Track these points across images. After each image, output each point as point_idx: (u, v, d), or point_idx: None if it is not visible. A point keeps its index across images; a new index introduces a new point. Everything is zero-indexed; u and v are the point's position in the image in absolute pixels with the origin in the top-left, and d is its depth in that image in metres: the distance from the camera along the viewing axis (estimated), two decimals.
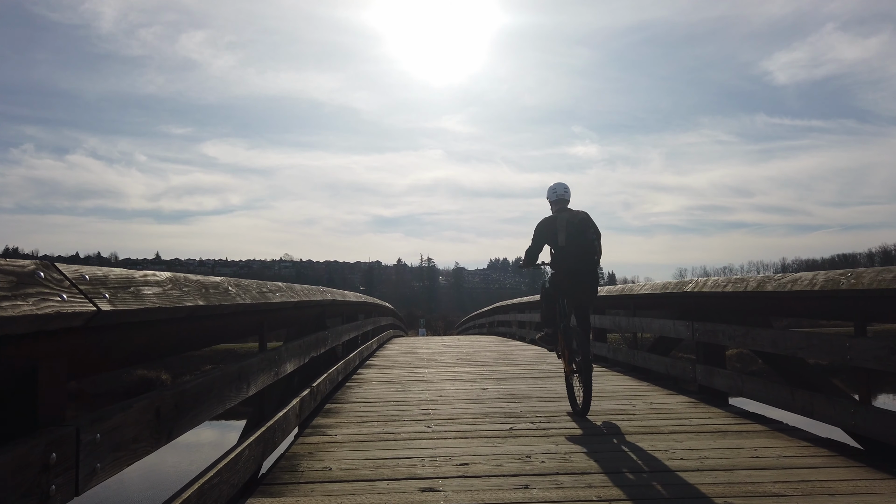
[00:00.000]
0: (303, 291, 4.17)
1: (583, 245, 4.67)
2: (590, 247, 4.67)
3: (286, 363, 3.66)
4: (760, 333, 4.26)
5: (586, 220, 4.76)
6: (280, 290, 3.56)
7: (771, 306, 4.49)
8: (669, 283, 5.82)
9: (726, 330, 4.73)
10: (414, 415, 4.69)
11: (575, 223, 4.71)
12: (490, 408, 4.93)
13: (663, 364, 6.09)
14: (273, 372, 3.32)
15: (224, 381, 2.48)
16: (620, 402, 5.08)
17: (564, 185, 4.97)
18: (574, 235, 4.68)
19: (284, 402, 3.96)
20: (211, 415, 2.34)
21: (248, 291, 2.84)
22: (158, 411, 1.85)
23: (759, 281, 4.16)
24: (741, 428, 3.99)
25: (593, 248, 4.69)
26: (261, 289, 3.12)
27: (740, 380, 4.62)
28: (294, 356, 3.93)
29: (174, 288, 1.99)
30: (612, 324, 7.83)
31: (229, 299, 2.47)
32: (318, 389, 4.79)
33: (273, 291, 3.34)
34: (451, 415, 4.65)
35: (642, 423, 4.24)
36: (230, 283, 2.64)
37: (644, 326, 6.54)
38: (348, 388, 6.20)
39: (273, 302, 3.26)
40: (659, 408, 4.77)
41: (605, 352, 8.07)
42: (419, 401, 5.35)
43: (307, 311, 4.75)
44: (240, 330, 3.13)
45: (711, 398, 5.10)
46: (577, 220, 4.72)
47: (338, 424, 4.37)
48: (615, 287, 7.52)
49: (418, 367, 8.39)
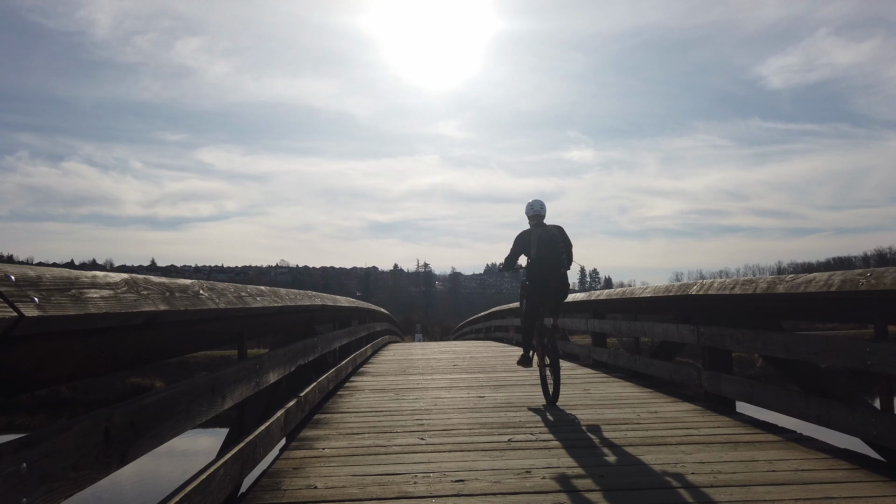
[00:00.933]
0: (288, 296, 3.94)
1: (551, 258, 5.37)
2: (557, 260, 5.37)
3: (269, 373, 3.43)
4: (772, 337, 4.04)
5: (556, 235, 5.44)
6: (262, 294, 3.33)
7: (782, 309, 4.28)
8: (672, 285, 5.60)
9: (734, 334, 4.52)
10: (407, 425, 4.46)
11: (546, 238, 5.39)
12: (487, 417, 4.70)
13: (667, 370, 5.87)
14: (253, 382, 3.09)
15: (193, 395, 2.25)
16: (624, 410, 4.86)
17: (541, 202, 5.61)
18: (544, 249, 5.37)
19: (268, 414, 3.73)
20: (177, 433, 2.11)
21: (223, 296, 2.61)
22: (107, 433, 1.62)
23: (769, 282, 3.95)
24: (753, 438, 3.77)
25: (560, 262, 5.39)
26: (239, 293, 2.90)
27: (750, 386, 4.40)
28: (278, 365, 3.70)
29: (130, 291, 1.76)
30: (612, 328, 7.62)
31: (199, 304, 2.24)
32: (307, 399, 4.56)
33: (253, 296, 3.11)
34: (447, 425, 4.42)
35: (648, 433, 4.01)
36: (202, 287, 2.41)
37: (646, 331, 6.32)
38: (339, 397, 5.96)
39: (253, 307, 3.03)
40: (664, 416, 4.55)
41: (605, 357, 7.85)
42: (413, 410, 5.12)
43: (294, 317, 4.52)
44: (215, 338, 2.90)
45: (718, 405, 4.88)
46: (547, 235, 5.41)
47: (326, 437, 4.13)
48: (615, 290, 7.30)
49: (413, 373, 8.15)
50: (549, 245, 5.37)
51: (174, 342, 2.34)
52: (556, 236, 5.42)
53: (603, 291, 7.94)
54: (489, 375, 7.62)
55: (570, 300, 9.52)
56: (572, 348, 9.90)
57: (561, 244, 5.43)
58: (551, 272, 5.39)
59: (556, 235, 5.43)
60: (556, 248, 5.37)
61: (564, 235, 5.54)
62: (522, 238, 5.58)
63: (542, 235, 5.41)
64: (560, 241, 5.43)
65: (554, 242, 5.38)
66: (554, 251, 5.36)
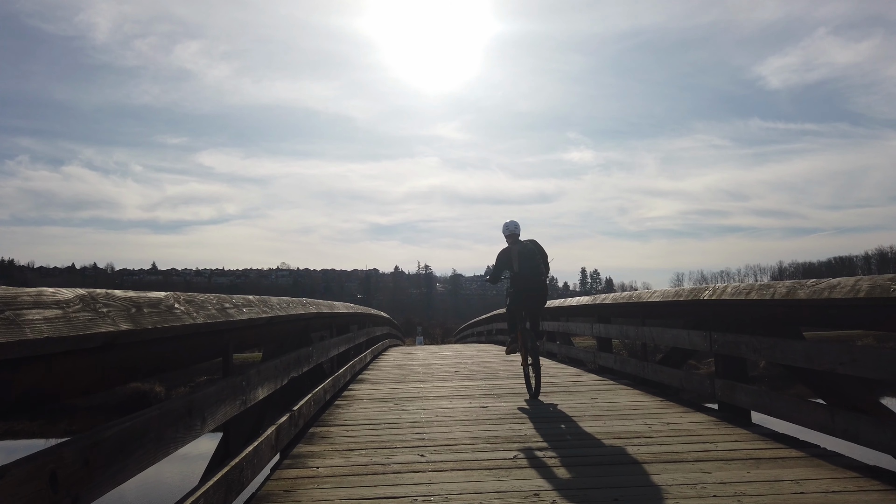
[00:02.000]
0: (279, 305, 3.72)
1: (531, 270, 6.09)
2: (536, 270, 6.10)
3: (258, 388, 3.20)
4: (791, 346, 3.81)
5: (533, 249, 6.17)
6: (249, 304, 3.10)
7: (802, 315, 4.04)
8: (682, 289, 5.37)
9: (750, 341, 4.29)
10: (407, 440, 4.23)
11: (525, 253, 6.10)
12: (491, 430, 4.47)
13: (677, 377, 5.64)
14: (239, 401, 2.86)
15: (166, 421, 2.02)
16: (634, 421, 4.62)
17: (515, 222, 6.36)
18: (524, 263, 6.08)
19: (257, 431, 3.50)
20: (146, 465, 1.88)
21: (202, 309, 2.39)
22: (54, 476, 1.39)
23: (788, 287, 3.72)
24: (775, 454, 3.54)
25: (539, 272, 6.12)
26: (222, 304, 2.67)
27: (768, 397, 4.17)
28: (269, 379, 3.47)
29: (85, 309, 1.54)
30: (618, 333, 7.39)
31: (173, 320, 2.02)
32: (301, 413, 4.33)
33: (238, 307, 2.89)
34: (448, 440, 4.19)
35: (662, 447, 3.78)
36: (178, 300, 2.19)
37: (655, 337, 6.08)
38: (337, 408, 5.73)
39: (238, 320, 2.80)
40: (677, 428, 4.32)
41: (610, 363, 7.61)
42: (413, 422, 4.89)
43: (287, 327, 4.30)
44: (196, 353, 2.67)
45: (733, 416, 4.65)
46: (526, 250, 6.13)
47: (321, 453, 3.90)
48: (622, 294, 7.07)
49: (413, 381, 7.92)
50: (528, 259, 6.09)
51: (144, 362, 2.11)
52: (532, 250, 6.16)
53: (608, 295, 7.71)
54: (492, 383, 7.39)
55: (574, 304, 9.32)
56: (576, 353, 9.67)
57: (538, 256, 6.15)
58: (533, 282, 6.11)
59: (533, 249, 6.17)
60: (535, 260, 6.12)
61: (539, 247, 6.24)
62: (504, 255, 6.28)
63: (521, 251, 6.12)
64: (537, 254, 6.16)
65: (532, 256, 6.12)
66: (532, 263, 6.10)
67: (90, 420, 18.42)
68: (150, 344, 2.03)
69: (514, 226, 6.32)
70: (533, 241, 6.27)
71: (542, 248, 6.24)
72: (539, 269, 6.09)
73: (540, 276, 6.11)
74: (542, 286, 6.21)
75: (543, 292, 6.25)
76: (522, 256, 6.07)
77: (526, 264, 6.06)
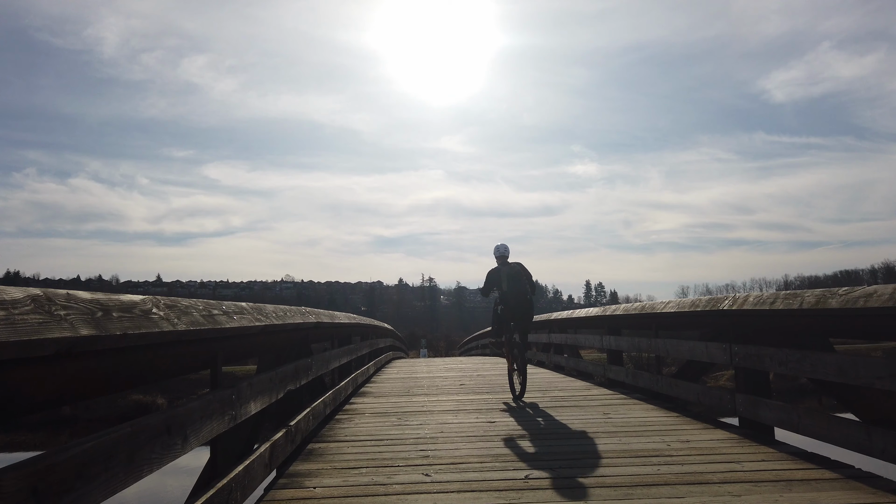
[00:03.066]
0: (276, 314, 3.49)
1: (517, 289, 6.82)
2: (522, 289, 6.84)
3: (250, 403, 2.97)
4: (822, 359, 3.56)
5: (520, 271, 6.94)
6: (242, 312, 2.88)
7: (832, 325, 3.80)
8: (699, 299, 5.13)
9: (776, 354, 4.04)
10: (410, 458, 3.98)
11: (512, 274, 6.86)
12: (500, 448, 4.22)
13: (694, 392, 5.38)
14: (228, 416, 2.63)
15: (139, 440, 1.79)
16: (651, 438, 4.37)
17: (505, 245, 7.14)
18: (512, 284, 6.81)
19: (250, 448, 3.27)
20: (115, 490, 1.65)
21: (186, 314, 2.17)
22: None
23: (817, 296, 3.48)
24: (806, 475, 3.28)
25: (525, 291, 6.86)
26: (209, 310, 2.45)
27: (795, 413, 3.91)
28: (263, 392, 3.24)
29: (36, 311, 1.32)
30: (630, 346, 7.13)
31: (147, 326, 1.80)
32: (298, 428, 4.09)
33: (229, 314, 2.67)
34: (454, 458, 3.95)
35: (683, 467, 3.52)
36: (157, 304, 1.97)
37: (670, 349, 5.83)
38: (337, 423, 5.49)
39: (228, 327, 2.58)
40: (698, 446, 4.06)
41: (622, 376, 7.35)
42: (417, 438, 4.64)
43: (284, 337, 4.07)
44: (179, 364, 2.45)
45: (756, 433, 4.39)
46: (513, 272, 6.89)
47: (319, 472, 3.66)
48: (633, 305, 6.82)
49: (418, 394, 7.67)
50: (516, 279, 6.82)
51: (116, 374, 1.89)
52: (519, 272, 6.90)
53: (619, 306, 7.47)
54: (499, 397, 7.13)
55: (583, 316, 9.07)
56: (585, 366, 9.40)
57: (524, 277, 6.91)
58: (519, 300, 6.81)
59: (520, 271, 6.93)
60: (521, 281, 6.85)
61: (525, 270, 7.02)
62: (493, 274, 7.05)
63: (509, 272, 6.86)
64: (523, 275, 6.92)
65: (518, 277, 6.86)
66: (519, 284, 6.83)
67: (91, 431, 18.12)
68: (122, 353, 1.81)
69: (504, 249, 7.12)
70: (519, 263, 7.05)
71: (527, 270, 7.02)
72: (525, 289, 6.85)
73: (526, 294, 6.86)
74: (529, 304, 6.90)
75: (530, 309, 6.95)
76: (511, 277, 6.81)
77: (513, 285, 6.79)
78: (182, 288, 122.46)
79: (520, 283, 6.82)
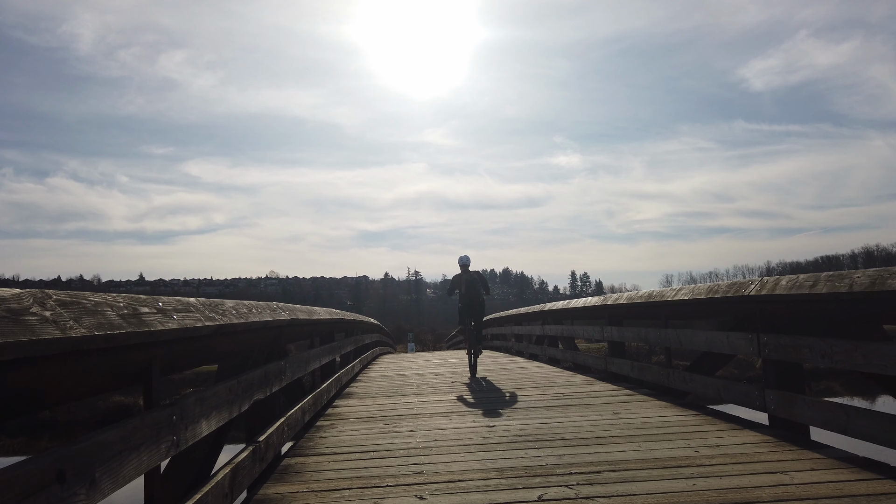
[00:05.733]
0: (236, 311, 2.91)
1: (473, 292, 9.01)
2: (477, 292, 9.04)
3: (200, 423, 2.39)
4: (880, 350, 3.05)
5: (476, 278, 9.16)
6: (187, 310, 2.30)
7: (885, 311, 3.29)
8: (718, 284, 4.61)
9: (816, 345, 3.52)
10: (401, 474, 3.43)
11: (470, 281, 9.01)
12: (503, 459, 3.67)
13: (713, 387, 4.87)
14: (167, 443, 2.05)
15: (11, 496, 1.21)
16: (675, 443, 3.84)
17: (467, 256, 9.10)
18: (469, 288, 8.99)
19: (207, 473, 2.70)
20: None
21: (92, 315, 1.59)
22: None
23: (871, 277, 2.97)
24: (871, 488, 2.77)
25: (479, 293, 9.07)
26: (134, 309, 1.87)
27: (843, 412, 3.40)
28: (219, 406, 2.66)
29: None
30: (636, 337, 6.62)
31: (23, 333, 1.22)
32: (269, 443, 3.52)
33: (166, 312, 2.08)
34: (452, 473, 3.39)
35: (723, 481, 3.00)
36: (42, 302, 1.40)
37: (682, 340, 5.31)
38: (318, 430, 4.91)
39: (165, 330, 2.00)
40: (731, 452, 3.54)
41: (626, 370, 6.83)
42: (408, 449, 4.08)
43: (249, 337, 3.49)
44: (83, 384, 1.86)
45: (791, 434, 3.89)
46: (471, 278, 9.05)
47: (294, 497, 3.09)
48: (639, 293, 6.30)
49: (407, 394, 7.11)
50: (472, 284, 9.04)
51: None
52: (475, 279, 9.14)
53: (622, 294, 6.94)
54: (494, 395, 6.59)
55: (580, 306, 8.56)
56: (584, 359, 8.89)
57: (478, 283, 9.15)
58: (475, 300, 9.08)
59: (476, 279, 9.17)
60: (476, 286, 9.08)
61: (481, 277, 9.41)
62: (457, 279, 9.22)
63: (467, 279, 9.03)
64: (478, 282, 9.16)
65: (474, 283, 9.08)
66: (475, 288, 9.05)
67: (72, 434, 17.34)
68: None
69: (466, 259, 9.14)
70: (476, 272, 9.38)
71: (483, 278, 9.43)
72: (479, 292, 9.10)
73: (479, 296, 9.09)
74: (481, 303, 9.19)
75: (482, 307, 9.26)
76: (468, 283, 9.00)
77: (470, 289, 9.00)
78: (165, 286, 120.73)
79: (475, 288, 9.02)
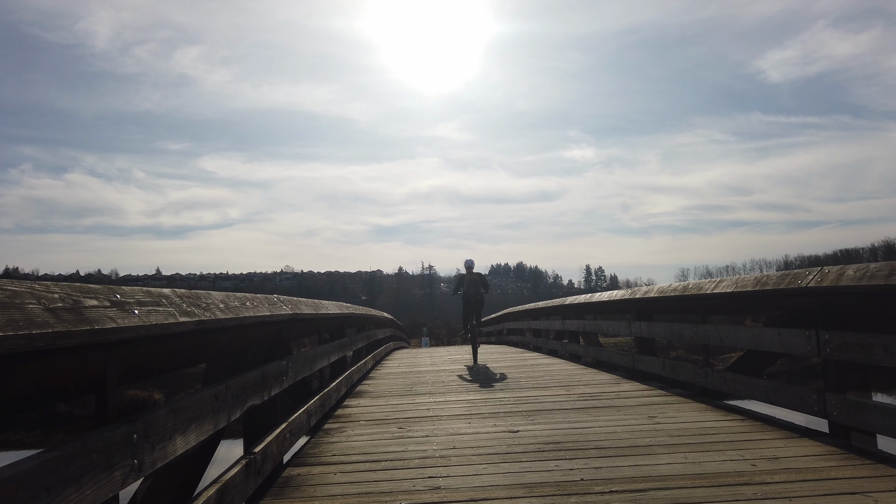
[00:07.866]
0: (224, 304, 2.50)
1: (474, 291, 10.51)
2: (477, 291, 10.53)
3: (174, 439, 1.98)
4: None
5: (477, 279, 10.63)
6: (157, 303, 1.90)
7: None
8: (768, 276, 4.14)
9: (892, 344, 3.06)
10: (415, 490, 3.01)
11: (472, 281, 10.54)
12: (531, 472, 3.24)
13: (759, 388, 4.40)
14: (123, 470, 1.64)
15: None
16: (726, 454, 3.39)
17: (471, 260, 10.60)
18: (470, 287, 10.51)
19: (184, 497, 2.30)
20: None
21: (3, 310, 1.18)
22: None
23: None
24: None
25: (479, 292, 10.56)
26: (75, 302, 1.47)
27: None
28: (201, 418, 2.25)
29: None
30: (668, 332, 6.15)
31: None
32: (267, 454, 3.11)
33: (125, 307, 1.68)
34: (474, 490, 2.97)
35: (792, 503, 2.55)
36: None
37: (724, 337, 4.84)
38: (326, 434, 4.52)
39: (121, 327, 1.59)
40: (794, 467, 3.09)
41: (657, 368, 6.36)
42: (423, 457, 3.67)
43: (243, 334, 3.08)
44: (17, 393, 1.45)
45: (858, 445, 3.43)
46: (472, 279, 10.56)
47: None
48: (672, 286, 5.84)
49: (421, 392, 6.71)
50: (474, 284, 10.49)
51: None
52: (476, 280, 10.54)
53: (652, 287, 6.48)
54: (516, 395, 6.17)
55: (605, 300, 8.07)
56: (608, 356, 8.42)
57: (479, 284, 10.53)
58: (475, 297, 10.52)
59: (477, 279, 10.57)
60: (476, 285, 10.50)
61: (482, 277, 10.77)
62: (460, 279, 10.85)
63: (470, 279, 10.52)
64: (479, 283, 10.55)
65: (476, 283, 10.50)
66: (475, 287, 10.48)
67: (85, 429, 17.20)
68: None
69: (470, 263, 10.59)
70: (479, 273, 10.79)
71: (483, 278, 10.79)
72: (479, 291, 10.51)
73: (479, 294, 10.53)
74: (481, 301, 10.63)
75: (481, 304, 10.69)
76: (470, 282, 10.49)
77: (471, 287, 10.48)
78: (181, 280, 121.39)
79: (476, 287, 10.50)
